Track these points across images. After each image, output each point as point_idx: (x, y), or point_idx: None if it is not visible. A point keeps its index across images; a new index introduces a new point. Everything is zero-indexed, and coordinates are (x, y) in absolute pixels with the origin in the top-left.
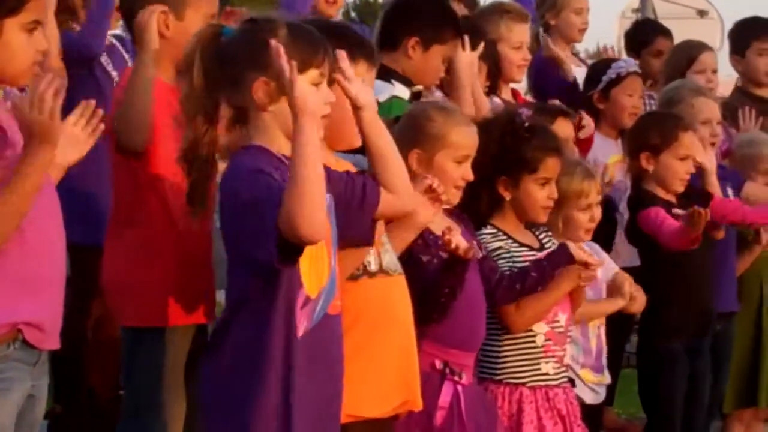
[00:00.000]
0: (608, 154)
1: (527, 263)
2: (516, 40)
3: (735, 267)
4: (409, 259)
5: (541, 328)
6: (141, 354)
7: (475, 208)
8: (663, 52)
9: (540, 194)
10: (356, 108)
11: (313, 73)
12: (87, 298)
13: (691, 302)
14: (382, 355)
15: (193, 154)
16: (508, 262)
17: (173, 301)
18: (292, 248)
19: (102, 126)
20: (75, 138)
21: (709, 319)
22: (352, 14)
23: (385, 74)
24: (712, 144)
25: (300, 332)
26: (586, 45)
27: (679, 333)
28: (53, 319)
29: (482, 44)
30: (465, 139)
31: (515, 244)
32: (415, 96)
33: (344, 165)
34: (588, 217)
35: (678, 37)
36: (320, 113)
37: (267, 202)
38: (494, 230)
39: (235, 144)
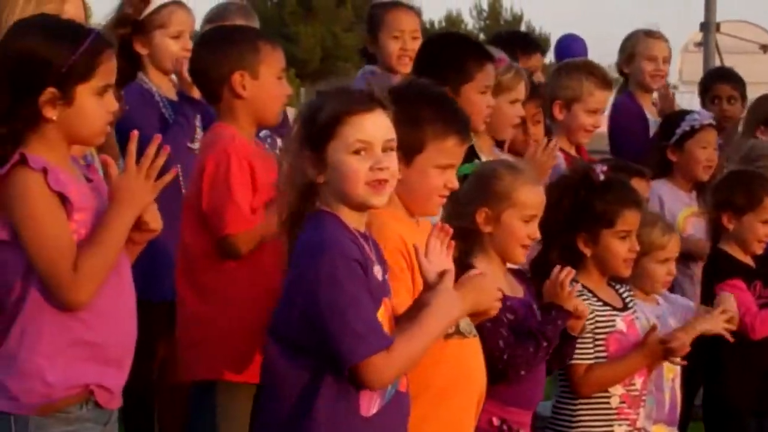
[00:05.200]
0: (681, 206)
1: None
2: (593, 105)
3: None
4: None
5: (616, 390)
6: (206, 410)
7: (548, 266)
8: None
9: (621, 248)
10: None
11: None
12: (153, 340)
13: (754, 365)
14: (454, 418)
15: (288, 221)
16: (591, 323)
17: (244, 357)
18: None
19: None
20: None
21: None
22: None
23: None
24: None
25: (373, 410)
26: None
27: (744, 393)
28: (122, 380)
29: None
30: (532, 198)
31: (599, 303)
32: None
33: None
34: (665, 270)
35: (740, 72)
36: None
37: (357, 303)
38: (579, 288)
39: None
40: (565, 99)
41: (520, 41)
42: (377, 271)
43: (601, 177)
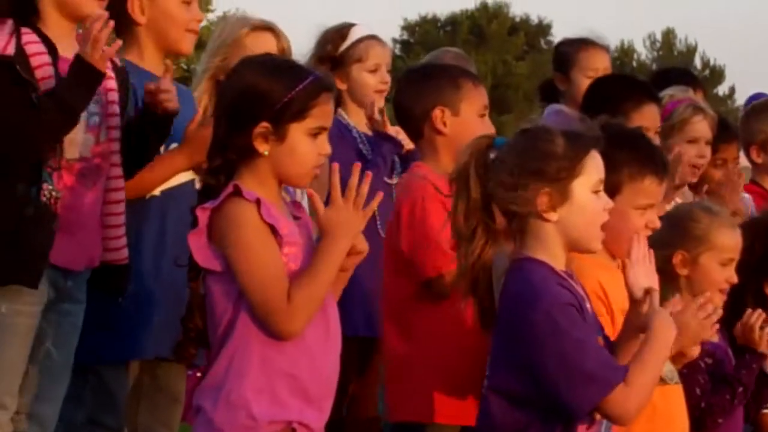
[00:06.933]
0: None
1: None
2: None
3: None
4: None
5: None
6: None
7: (741, 310)
8: None
9: None
10: None
11: None
12: (343, 375)
13: None
14: None
15: (474, 271)
16: None
17: (449, 398)
18: None
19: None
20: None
21: None
22: None
23: None
24: None
25: None
26: None
27: None
28: (323, 419)
29: None
30: (730, 241)
31: None
32: None
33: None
34: None
35: None
36: None
37: (583, 346)
38: None
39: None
40: (761, 142)
41: (679, 78)
42: (589, 308)
43: None
